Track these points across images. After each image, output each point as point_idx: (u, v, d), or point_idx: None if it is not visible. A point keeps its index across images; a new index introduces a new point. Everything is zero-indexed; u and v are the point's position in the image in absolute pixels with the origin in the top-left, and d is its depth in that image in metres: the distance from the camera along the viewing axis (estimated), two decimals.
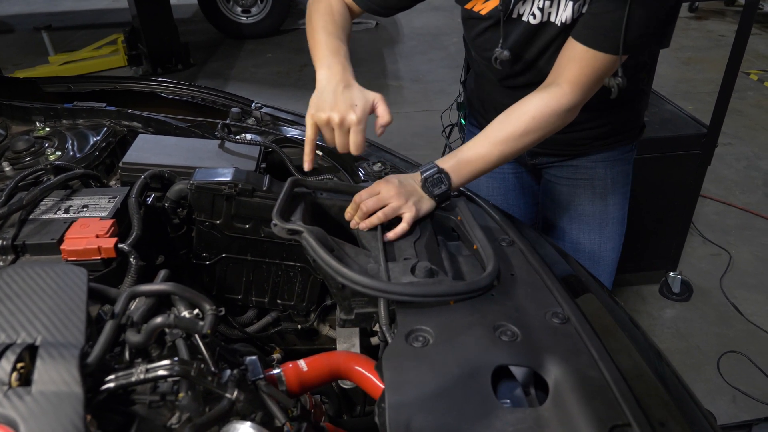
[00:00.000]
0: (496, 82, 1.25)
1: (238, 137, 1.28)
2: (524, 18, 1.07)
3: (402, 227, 0.94)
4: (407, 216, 0.95)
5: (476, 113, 1.42)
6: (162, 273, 0.76)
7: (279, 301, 1.15)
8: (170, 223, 1.06)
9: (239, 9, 5.74)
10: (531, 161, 1.38)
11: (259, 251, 1.09)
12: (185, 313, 0.69)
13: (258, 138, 1.28)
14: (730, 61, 1.92)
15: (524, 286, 0.85)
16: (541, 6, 1.04)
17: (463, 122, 2.32)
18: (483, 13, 1.09)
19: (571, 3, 1.00)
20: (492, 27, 1.11)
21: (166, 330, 0.66)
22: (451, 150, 2.41)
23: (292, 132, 1.34)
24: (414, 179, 0.99)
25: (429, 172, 0.99)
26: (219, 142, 1.23)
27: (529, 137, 1.01)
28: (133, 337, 0.64)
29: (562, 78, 0.99)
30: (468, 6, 1.11)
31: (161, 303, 0.72)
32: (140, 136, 1.20)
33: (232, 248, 1.08)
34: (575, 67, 0.98)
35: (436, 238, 0.99)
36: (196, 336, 0.66)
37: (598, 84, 1.00)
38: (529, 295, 0.83)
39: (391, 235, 0.93)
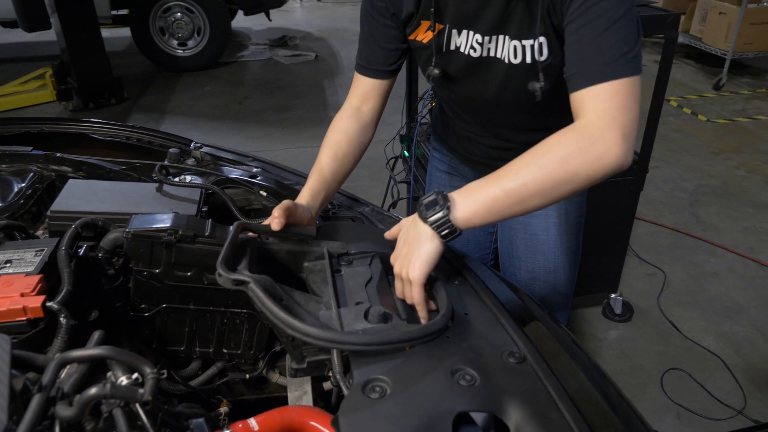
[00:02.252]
0: (452, 114, 1.29)
1: (176, 179, 1.23)
2: (462, 50, 1.09)
3: (416, 297, 0.85)
4: (415, 283, 0.85)
5: (439, 138, 1.46)
6: (96, 335, 0.70)
7: (225, 351, 1.09)
8: (105, 275, 0.99)
9: (175, 42, 5.63)
10: None
11: (203, 299, 1.04)
12: (123, 379, 0.64)
13: (198, 180, 1.23)
14: (655, 91, 2.02)
15: (479, 326, 0.84)
16: (480, 41, 1.06)
17: (406, 154, 2.33)
18: (424, 42, 1.12)
19: (514, 41, 1.02)
20: (433, 55, 1.13)
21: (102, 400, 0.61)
22: (396, 183, 2.42)
23: (234, 172, 1.30)
24: (416, 219, 0.90)
25: (425, 196, 0.89)
26: (157, 185, 1.17)
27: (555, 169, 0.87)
28: (64, 411, 0.58)
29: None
30: (412, 37, 1.14)
31: (96, 368, 0.67)
32: (70, 181, 1.14)
33: (173, 298, 1.03)
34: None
35: (387, 278, 0.97)
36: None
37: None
38: (484, 335, 0.82)
39: (423, 316, 0.86)
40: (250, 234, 0.97)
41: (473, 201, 0.86)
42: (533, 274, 1.34)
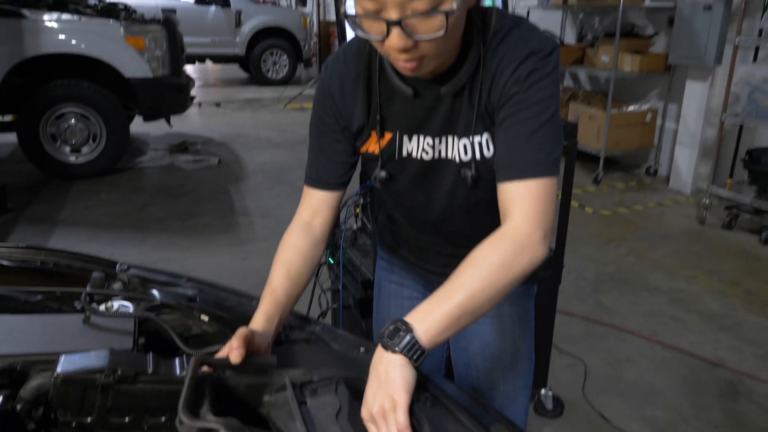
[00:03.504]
0: (405, 224, 1.30)
1: (103, 307, 1.11)
2: (415, 155, 1.13)
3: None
4: (400, 420, 0.82)
5: (388, 249, 1.44)
6: None
7: None
8: (24, 430, 0.85)
9: (68, 149, 5.36)
10: None
11: None
12: None
13: (129, 306, 1.12)
14: (563, 196, 2.19)
15: None
16: (431, 143, 1.10)
17: (331, 261, 2.30)
18: (376, 152, 1.14)
19: (462, 139, 1.07)
20: (386, 163, 1.15)
21: None
22: (323, 291, 2.36)
23: (168, 295, 1.20)
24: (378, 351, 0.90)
25: (383, 329, 0.90)
26: (83, 316, 1.05)
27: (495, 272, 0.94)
28: None
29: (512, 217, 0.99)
30: (363, 149, 1.16)
31: None
32: None
33: None
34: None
35: (354, 404, 0.91)
36: None
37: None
38: None
39: None
40: (205, 368, 0.88)
41: (432, 321, 0.89)
42: (492, 383, 1.32)
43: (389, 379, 0.85)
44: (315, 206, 1.17)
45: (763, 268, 3.96)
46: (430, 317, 0.89)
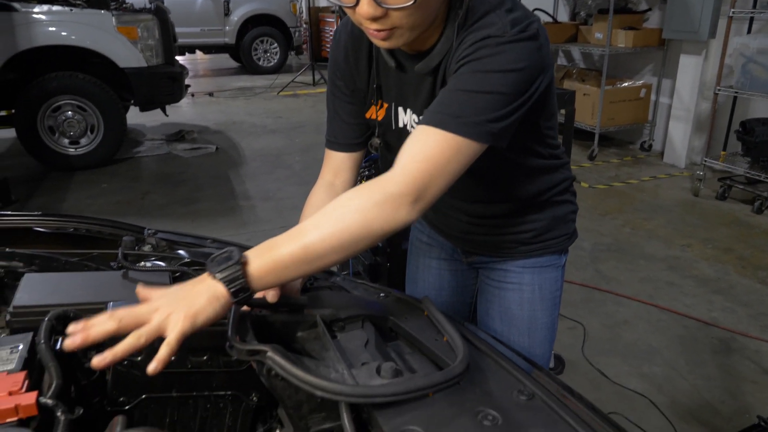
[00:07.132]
0: None
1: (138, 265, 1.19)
2: (409, 128, 1.18)
3: (162, 353, 0.79)
4: (171, 336, 0.79)
5: None
6: (119, 420, 0.66)
7: None
8: (81, 369, 0.93)
9: (66, 141, 5.41)
10: (466, 260, 1.43)
11: (186, 385, 0.99)
12: None
13: (162, 264, 1.20)
14: None
15: (482, 372, 0.89)
16: (417, 121, 1.15)
17: None
18: (379, 119, 1.20)
19: None
20: (385, 132, 1.22)
21: None
22: None
23: (196, 254, 1.27)
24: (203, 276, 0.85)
25: (217, 253, 0.85)
26: (122, 272, 1.13)
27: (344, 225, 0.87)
28: None
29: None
30: (367, 115, 1.22)
31: None
32: (27, 275, 1.06)
33: (155, 386, 0.97)
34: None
35: (379, 338, 0.99)
36: None
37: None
38: (490, 378, 0.87)
39: (151, 368, 0.80)
40: (244, 307, 0.96)
41: (270, 258, 0.85)
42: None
43: (180, 304, 0.80)
44: (336, 167, 1.24)
45: (756, 234, 4.07)
46: (269, 254, 0.84)
